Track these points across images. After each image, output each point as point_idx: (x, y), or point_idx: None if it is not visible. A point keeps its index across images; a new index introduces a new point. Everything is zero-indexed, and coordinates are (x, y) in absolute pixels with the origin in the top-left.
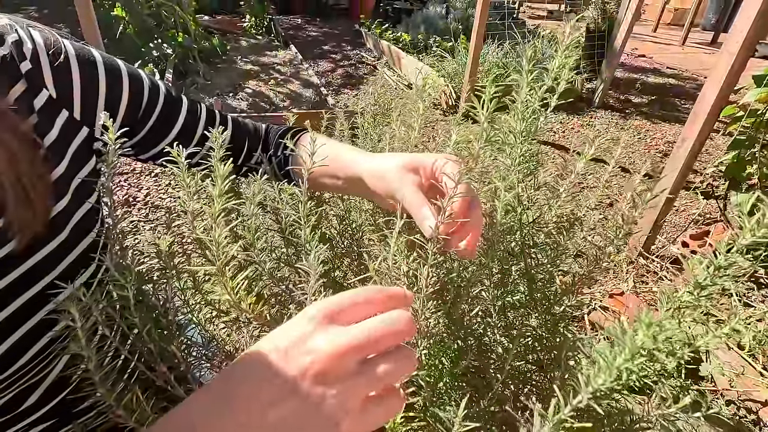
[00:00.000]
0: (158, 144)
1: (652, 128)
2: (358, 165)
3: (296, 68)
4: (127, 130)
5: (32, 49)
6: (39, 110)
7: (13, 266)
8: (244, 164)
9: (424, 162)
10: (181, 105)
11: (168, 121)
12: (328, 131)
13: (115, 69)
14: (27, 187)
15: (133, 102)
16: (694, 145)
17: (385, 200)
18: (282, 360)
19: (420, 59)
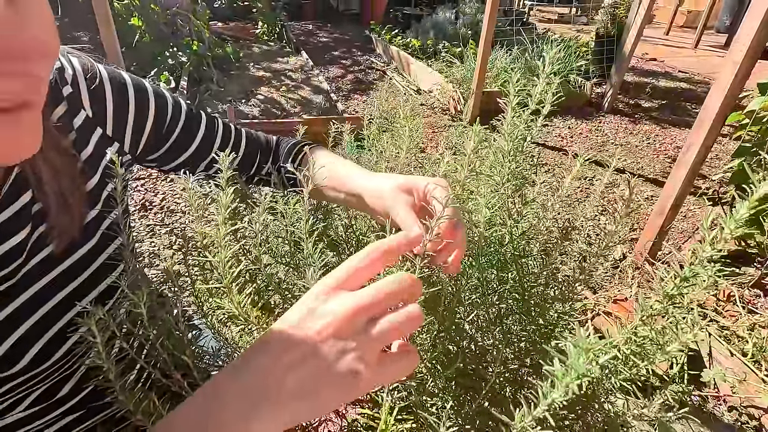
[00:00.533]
0: (179, 157)
1: (661, 133)
2: (358, 183)
3: (307, 74)
4: (149, 146)
5: (72, 74)
6: (77, 128)
7: (53, 266)
8: (255, 175)
9: (417, 185)
10: (200, 121)
11: (188, 137)
12: (335, 140)
13: (142, 90)
14: (67, 197)
15: (158, 119)
16: (700, 151)
17: (381, 216)
18: (296, 329)
19: (429, 65)
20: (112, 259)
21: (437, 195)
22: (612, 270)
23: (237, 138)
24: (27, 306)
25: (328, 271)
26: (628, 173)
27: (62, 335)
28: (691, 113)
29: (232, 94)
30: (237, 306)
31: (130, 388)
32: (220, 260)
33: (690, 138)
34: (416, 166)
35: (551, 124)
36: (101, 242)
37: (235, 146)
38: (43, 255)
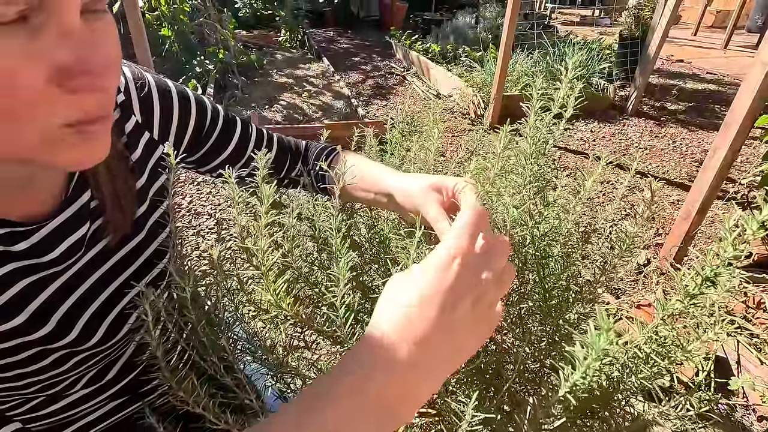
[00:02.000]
0: (216, 160)
1: (688, 136)
2: (389, 183)
3: (328, 80)
4: (190, 148)
5: (125, 83)
6: (128, 133)
7: (109, 256)
8: (286, 177)
9: (446, 184)
10: (236, 125)
11: (225, 139)
12: (358, 144)
13: (185, 96)
14: (120, 196)
15: (199, 124)
16: (727, 154)
17: (410, 214)
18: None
19: (449, 69)
20: (160, 251)
21: (466, 193)
22: (636, 275)
23: (269, 141)
24: (90, 291)
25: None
26: (652, 177)
27: (123, 315)
28: (720, 116)
29: (256, 100)
30: (272, 294)
31: (173, 367)
32: (260, 248)
33: (716, 141)
34: (442, 169)
35: (573, 128)
36: (149, 235)
37: (267, 149)
38: (100, 247)
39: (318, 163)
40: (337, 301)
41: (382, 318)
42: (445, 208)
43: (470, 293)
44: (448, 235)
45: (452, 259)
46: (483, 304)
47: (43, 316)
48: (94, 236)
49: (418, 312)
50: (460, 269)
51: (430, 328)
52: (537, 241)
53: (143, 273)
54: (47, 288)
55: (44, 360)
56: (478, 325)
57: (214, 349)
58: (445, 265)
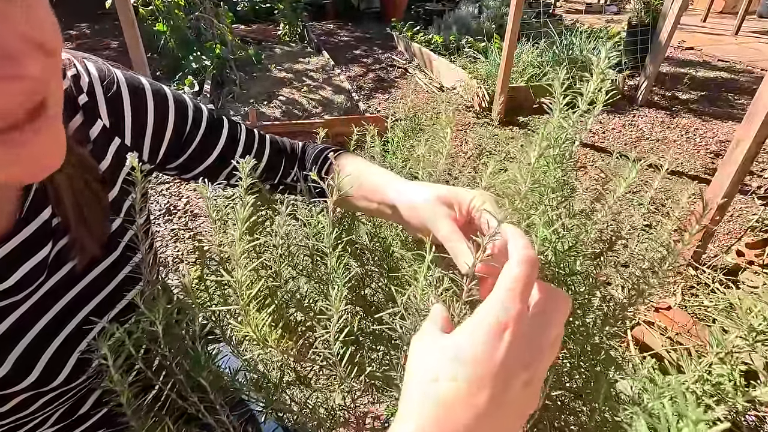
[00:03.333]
0: (200, 165)
1: (702, 126)
2: (391, 192)
3: (328, 74)
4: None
5: (88, 81)
6: (95, 139)
7: (76, 281)
8: (281, 183)
9: (461, 198)
10: (222, 127)
11: (210, 144)
12: (359, 145)
13: (162, 95)
14: (85, 210)
15: (179, 126)
16: (751, 147)
17: (417, 230)
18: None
19: (452, 61)
20: (136, 271)
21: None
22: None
23: (260, 144)
24: (54, 324)
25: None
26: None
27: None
28: (734, 104)
29: (254, 95)
30: (254, 329)
31: (144, 411)
32: (236, 279)
33: (739, 132)
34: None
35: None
36: (124, 254)
37: (258, 153)
38: (65, 271)
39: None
40: (331, 336)
41: (414, 407)
42: (458, 225)
43: (524, 371)
44: (495, 294)
45: (502, 329)
46: (536, 381)
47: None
48: (58, 259)
49: (461, 397)
50: (512, 341)
51: (474, 419)
52: (561, 257)
53: (116, 299)
54: (1, 323)
55: (4, 405)
56: (526, 404)
57: (194, 388)
58: (494, 337)
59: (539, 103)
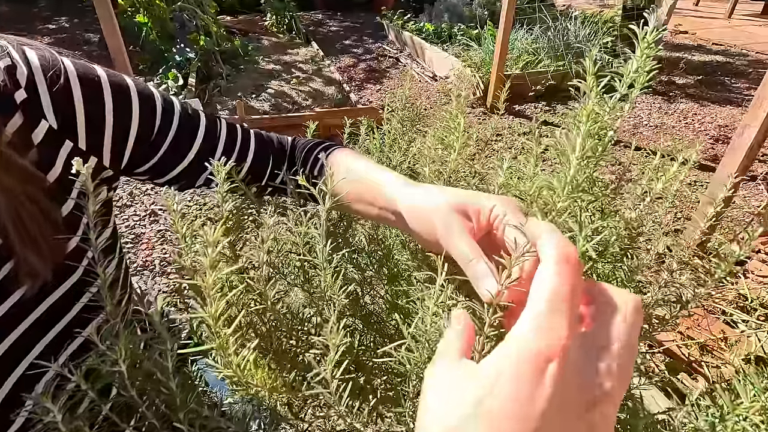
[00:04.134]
0: (174, 168)
1: (700, 111)
2: (395, 196)
3: (318, 65)
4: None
5: (27, 73)
6: (39, 144)
7: (27, 312)
8: (268, 185)
9: (480, 205)
10: (198, 124)
11: (184, 144)
12: (352, 138)
13: (122, 88)
14: (29, 228)
15: (146, 124)
16: (759, 132)
17: (426, 244)
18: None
19: (444, 49)
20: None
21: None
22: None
23: (244, 143)
24: (4, 361)
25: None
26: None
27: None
28: (731, 89)
29: (242, 89)
30: (236, 370)
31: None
32: (210, 314)
33: (746, 118)
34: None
35: (578, 107)
36: (85, 278)
37: (242, 152)
38: (14, 300)
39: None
40: (328, 374)
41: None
42: (476, 238)
43: (586, 412)
44: (529, 314)
45: (545, 363)
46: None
47: None
48: (3, 287)
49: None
50: (557, 379)
51: None
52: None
53: (79, 326)
54: None
55: None
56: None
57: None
58: (533, 376)
59: (535, 90)
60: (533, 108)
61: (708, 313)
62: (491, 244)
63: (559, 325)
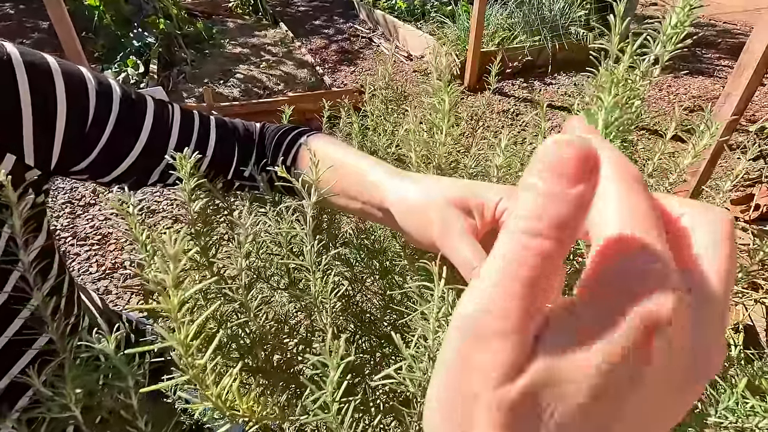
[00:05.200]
0: (118, 165)
1: (674, 83)
2: (383, 189)
3: (288, 47)
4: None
5: None
6: None
7: None
8: (236, 178)
9: (482, 198)
10: (145, 111)
11: (128, 135)
12: (331, 123)
13: (43, 69)
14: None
15: (76, 113)
16: (740, 100)
17: (420, 245)
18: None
19: (418, 27)
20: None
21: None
22: None
23: (203, 131)
24: None
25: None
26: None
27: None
28: (702, 59)
29: (209, 74)
30: (217, 401)
31: None
32: (179, 341)
33: (728, 87)
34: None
35: (555, 82)
36: (15, 295)
37: (200, 144)
38: None
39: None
40: (327, 397)
41: None
42: (479, 238)
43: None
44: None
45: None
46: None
47: None
48: None
49: None
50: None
51: None
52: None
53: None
54: None
55: None
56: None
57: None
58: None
59: (512, 67)
60: (511, 85)
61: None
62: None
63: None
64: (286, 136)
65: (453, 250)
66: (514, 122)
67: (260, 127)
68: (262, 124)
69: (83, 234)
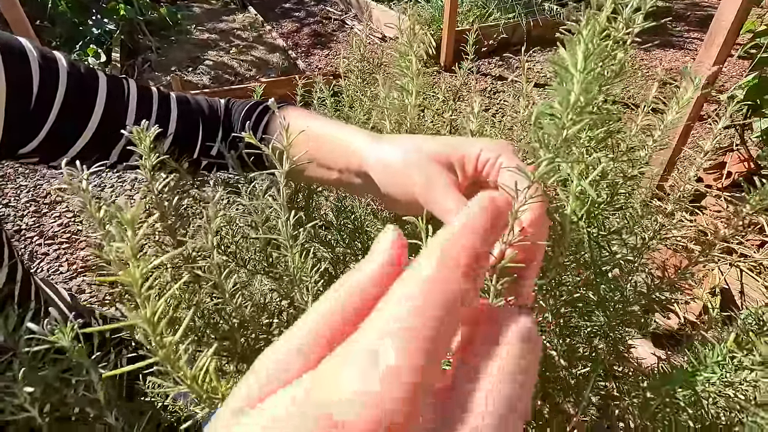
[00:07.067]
0: (70, 146)
1: (647, 57)
2: (359, 152)
3: (258, 32)
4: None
5: None
6: None
7: None
8: (203, 156)
9: (463, 151)
10: (97, 85)
11: (80, 111)
12: (305, 100)
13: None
14: None
15: (18, 88)
16: (712, 69)
17: (402, 207)
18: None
19: (391, 8)
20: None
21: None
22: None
23: (164, 106)
24: None
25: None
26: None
27: None
28: (673, 32)
29: (176, 62)
30: (192, 384)
31: None
32: (145, 318)
33: (700, 56)
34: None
35: (531, 59)
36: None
37: (161, 120)
38: None
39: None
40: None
41: None
42: (462, 191)
43: None
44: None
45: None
46: None
47: None
48: None
49: None
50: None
51: None
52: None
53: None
54: None
55: None
56: None
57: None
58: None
59: (488, 45)
60: (487, 64)
61: (674, 252)
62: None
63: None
64: (255, 108)
65: (436, 203)
66: (491, 100)
67: (225, 102)
68: (227, 100)
69: (51, 233)
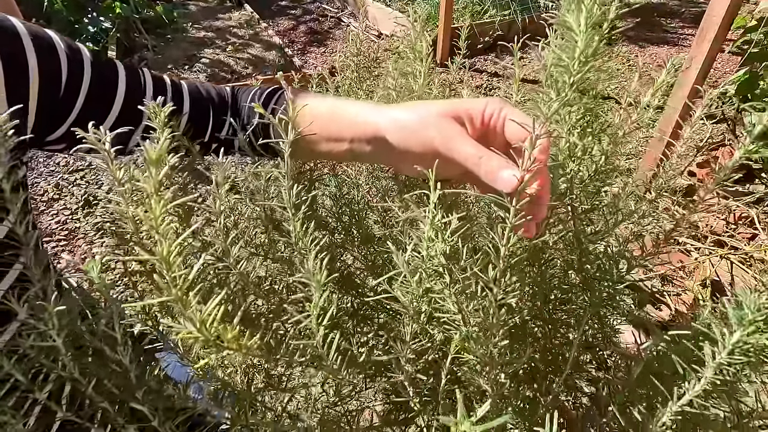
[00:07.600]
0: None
1: (640, 53)
2: (372, 119)
3: (254, 29)
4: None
5: None
6: None
7: None
8: (213, 139)
9: (471, 109)
10: (117, 75)
11: (103, 99)
12: None
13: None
14: None
15: (49, 76)
16: (704, 64)
17: (418, 160)
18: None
19: (387, 5)
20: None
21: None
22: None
23: (176, 93)
24: None
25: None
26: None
27: None
28: (667, 29)
29: (172, 60)
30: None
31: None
32: (161, 256)
33: (692, 51)
34: None
35: (526, 56)
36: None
37: (175, 103)
38: None
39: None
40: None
41: None
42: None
43: None
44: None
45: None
46: None
47: None
48: None
49: None
50: None
51: None
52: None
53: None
54: None
55: None
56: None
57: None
58: None
59: (483, 42)
60: (483, 60)
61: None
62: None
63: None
64: (263, 92)
65: (457, 150)
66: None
67: (232, 89)
68: (232, 87)
69: (49, 230)
